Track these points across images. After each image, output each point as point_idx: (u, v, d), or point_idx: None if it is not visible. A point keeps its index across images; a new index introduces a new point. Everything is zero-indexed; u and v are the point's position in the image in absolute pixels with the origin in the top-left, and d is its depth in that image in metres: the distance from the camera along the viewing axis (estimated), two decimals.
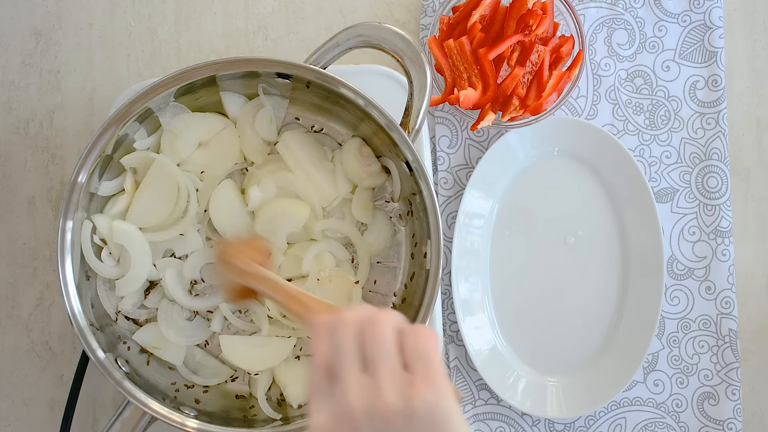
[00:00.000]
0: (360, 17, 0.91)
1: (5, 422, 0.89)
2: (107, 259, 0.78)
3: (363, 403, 0.50)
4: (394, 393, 0.50)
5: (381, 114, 0.73)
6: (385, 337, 0.52)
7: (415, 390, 0.50)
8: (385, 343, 0.52)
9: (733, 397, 0.87)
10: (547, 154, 0.89)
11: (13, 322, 0.89)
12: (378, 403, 0.50)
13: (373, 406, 0.50)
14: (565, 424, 0.88)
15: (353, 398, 0.50)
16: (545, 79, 0.83)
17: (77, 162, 0.72)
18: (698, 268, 0.89)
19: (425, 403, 0.49)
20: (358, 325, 0.53)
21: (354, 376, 0.51)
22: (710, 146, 0.89)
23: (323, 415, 0.51)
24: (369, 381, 0.51)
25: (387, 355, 0.51)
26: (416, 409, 0.49)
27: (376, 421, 0.50)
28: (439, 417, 0.50)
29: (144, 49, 0.91)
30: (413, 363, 0.51)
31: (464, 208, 0.87)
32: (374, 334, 0.52)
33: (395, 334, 0.52)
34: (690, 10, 0.89)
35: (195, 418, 0.75)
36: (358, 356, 0.52)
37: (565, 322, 0.88)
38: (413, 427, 0.49)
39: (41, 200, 0.90)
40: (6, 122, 0.90)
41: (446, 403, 0.50)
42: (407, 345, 0.52)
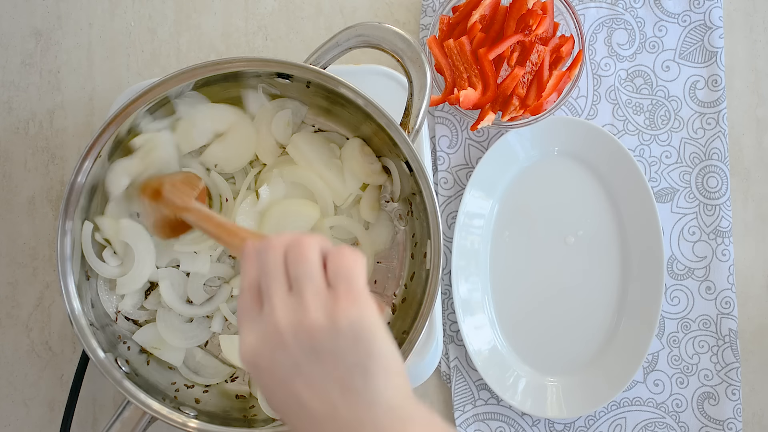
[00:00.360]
0: (360, 17, 0.91)
1: (5, 422, 0.89)
2: (110, 258, 0.78)
3: (289, 321, 0.52)
4: (319, 310, 0.52)
5: (381, 114, 0.73)
6: (310, 258, 0.54)
7: (338, 307, 0.52)
8: (309, 264, 0.53)
9: (733, 397, 0.87)
10: (547, 154, 0.89)
11: (13, 322, 0.89)
12: (303, 320, 0.52)
13: (299, 323, 0.52)
14: (565, 424, 0.88)
15: (279, 316, 0.52)
16: (545, 79, 0.83)
17: (77, 162, 0.72)
18: (698, 268, 0.89)
19: (348, 319, 0.51)
20: (284, 248, 0.55)
21: (280, 296, 0.53)
22: (710, 146, 0.89)
23: (252, 336, 0.53)
24: (294, 300, 0.53)
25: (311, 275, 0.53)
26: (340, 325, 0.51)
27: (302, 338, 0.52)
28: (362, 332, 0.51)
29: (144, 49, 0.91)
30: (336, 282, 0.53)
31: (464, 208, 0.87)
32: (299, 256, 0.54)
33: (320, 256, 0.54)
34: (690, 10, 0.89)
35: (195, 418, 0.75)
36: (284, 277, 0.54)
37: (565, 322, 0.88)
38: (338, 342, 0.51)
39: (41, 200, 0.90)
40: (6, 122, 0.90)
41: (369, 319, 0.52)
42: (331, 265, 0.54)
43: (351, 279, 0.53)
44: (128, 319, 0.80)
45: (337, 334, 0.51)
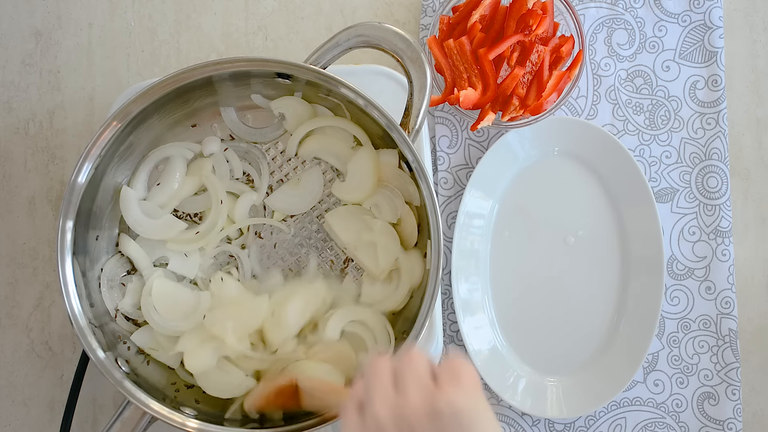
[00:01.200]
0: (360, 17, 0.91)
1: (5, 422, 0.89)
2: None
3: (388, 411, 0.52)
4: (419, 397, 0.52)
5: (381, 114, 0.73)
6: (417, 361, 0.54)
7: (439, 392, 0.51)
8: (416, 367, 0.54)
9: (733, 397, 0.87)
10: (547, 154, 0.89)
11: (13, 322, 0.89)
12: (403, 407, 0.52)
13: (399, 412, 0.52)
14: (565, 424, 0.88)
15: (378, 409, 0.52)
16: (545, 79, 0.83)
17: (77, 162, 0.72)
18: (698, 268, 0.89)
19: (448, 401, 0.51)
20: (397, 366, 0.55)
21: (381, 392, 0.53)
22: (710, 146, 0.89)
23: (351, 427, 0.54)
24: (397, 395, 0.53)
25: (416, 371, 0.53)
26: (439, 408, 0.51)
27: (401, 425, 0.51)
28: (462, 412, 0.51)
29: (144, 49, 0.91)
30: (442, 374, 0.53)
31: (464, 208, 0.87)
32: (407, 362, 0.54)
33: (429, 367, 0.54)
34: (690, 10, 0.89)
35: (195, 418, 0.75)
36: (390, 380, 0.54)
37: (565, 322, 0.88)
38: (438, 424, 0.51)
39: (41, 200, 0.90)
40: (6, 122, 0.90)
41: (473, 402, 0.51)
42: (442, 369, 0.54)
43: (458, 372, 0.53)
44: (128, 318, 0.80)
45: (437, 416, 0.50)
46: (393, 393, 0.53)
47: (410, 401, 0.51)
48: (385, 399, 0.53)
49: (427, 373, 0.53)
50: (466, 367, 0.54)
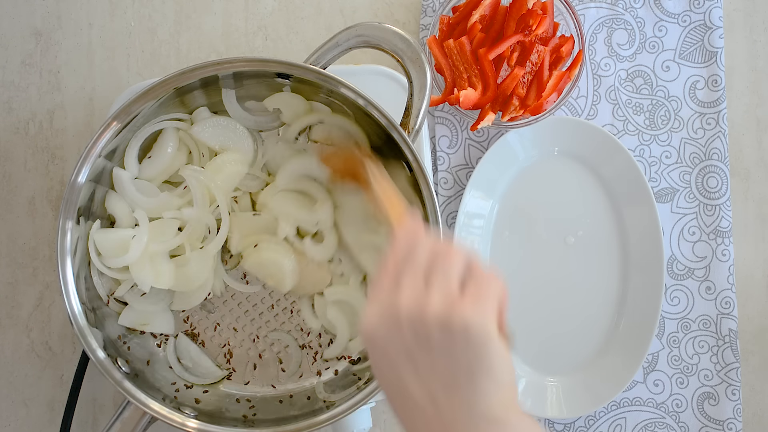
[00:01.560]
0: (360, 17, 0.91)
1: (5, 422, 0.89)
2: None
3: (409, 304, 0.52)
4: (439, 302, 0.52)
5: (381, 114, 0.73)
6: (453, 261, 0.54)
7: (458, 303, 0.52)
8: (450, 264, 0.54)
9: (733, 397, 0.87)
10: (547, 154, 0.89)
11: (13, 322, 0.89)
12: (423, 307, 0.52)
13: (417, 310, 0.52)
14: (565, 424, 0.88)
15: (402, 297, 0.53)
16: (545, 79, 0.83)
17: (77, 162, 0.72)
18: (698, 268, 0.89)
19: (463, 318, 0.51)
20: (433, 248, 0.55)
21: (411, 280, 0.54)
22: (710, 146, 0.89)
23: (374, 309, 0.54)
24: (424, 289, 0.53)
25: (447, 272, 0.54)
26: (454, 321, 0.51)
27: (416, 326, 0.52)
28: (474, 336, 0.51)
29: (144, 49, 0.91)
30: (467, 284, 0.53)
31: (464, 208, 0.87)
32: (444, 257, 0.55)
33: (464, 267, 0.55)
34: (690, 10, 0.89)
35: (195, 418, 0.75)
36: (424, 270, 0.54)
37: (565, 322, 0.88)
38: (449, 340, 0.51)
39: (41, 200, 0.90)
40: (6, 122, 0.90)
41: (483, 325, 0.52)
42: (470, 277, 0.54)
43: (481, 289, 0.53)
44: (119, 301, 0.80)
45: (450, 330, 0.51)
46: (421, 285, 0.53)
47: (432, 304, 0.52)
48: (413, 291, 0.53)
49: (457, 277, 0.54)
50: (495, 284, 0.54)
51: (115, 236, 0.77)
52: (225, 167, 0.79)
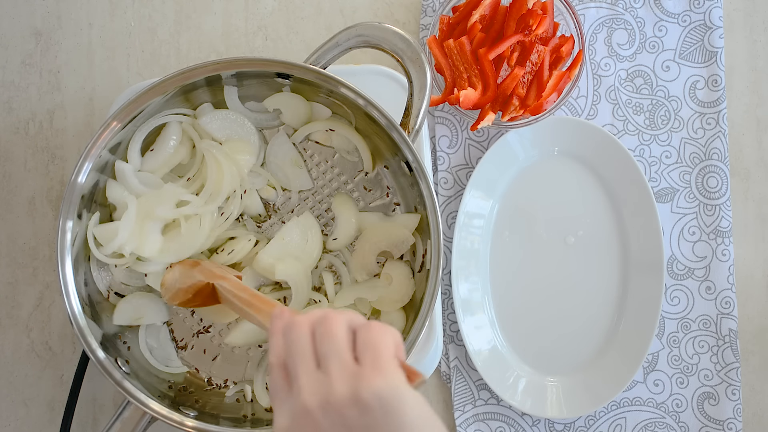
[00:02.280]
0: (360, 17, 0.91)
1: (5, 422, 0.89)
2: None
3: (317, 399, 0.51)
4: (345, 386, 0.51)
5: (381, 114, 0.73)
6: (336, 334, 0.53)
7: (362, 380, 0.51)
8: (336, 339, 0.53)
9: (733, 397, 0.87)
10: (547, 154, 0.89)
11: (13, 322, 0.89)
12: (330, 397, 0.51)
13: (326, 401, 0.51)
14: (565, 424, 0.88)
15: (307, 395, 0.52)
16: (545, 79, 0.83)
17: (77, 162, 0.72)
18: (698, 268, 0.89)
19: (372, 391, 0.50)
20: (311, 324, 0.55)
21: (307, 374, 0.53)
22: (710, 146, 0.89)
23: (284, 417, 0.53)
24: (322, 377, 0.52)
25: (337, 350, 0.53)
26: (365, 398, 0.50)
27: (332, 416, 0.51)
28: (390, 401, 0.50)
29: (144, 49, 0.91)
30: (362, 355, 0.52)
31: (464, 208, 0.87)
32: (326, 332, 0.53)
33: (348, 332, 0.54)
34: (690, 10, 0.89)
35: (195, 418, 0.75)
36: (311, 355, 0.54)
37: (565, 322, 0.88)
38: (367, 416, 0.50)
39: (41, 200, 0.90)
40: (6, 122, 0.90)
41: (394, 386, 0.51)
42: (359, 339, 0.53)
43: (377, 350, 0.52)
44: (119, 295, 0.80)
45: (365, 407, 0.50)
46: (317, 374, 0.52)
47: (335, 387, 0.51)
48: (312, 383, 0.52)
49: (347, 347, 0.53)
50: (385, 334, 0.53)
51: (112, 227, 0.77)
52: (235, 155, 0.79)
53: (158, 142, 0.79)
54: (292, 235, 0.80)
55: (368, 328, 0.54)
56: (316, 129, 0.81)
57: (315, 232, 0.81)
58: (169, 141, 0.79)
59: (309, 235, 0.80)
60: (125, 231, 0.75)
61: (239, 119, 0.80)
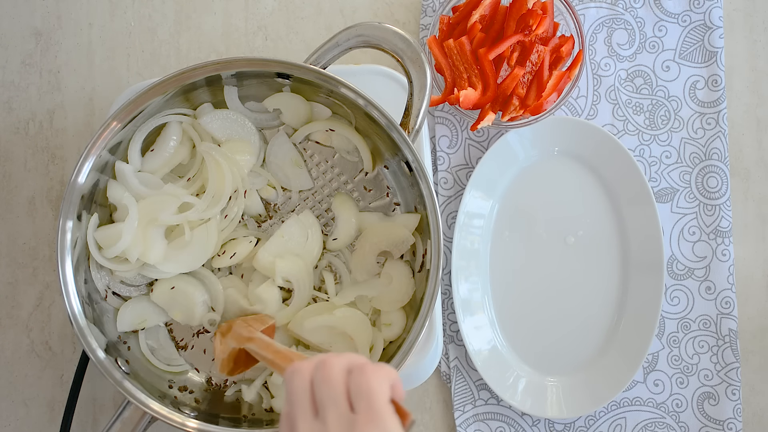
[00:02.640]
0: (360, 17, 0.91)
1: (5, 422, 0.89)
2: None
3: None
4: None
5: (381, 114, 0.73)
6: (333, 380, 0.55)
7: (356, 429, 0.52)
8: (332, 386, 0.54)
9: (733, 397, 0.87)
10: (547, 154, 0.89)
11: (13, 322, 0.89)
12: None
13: None
14: (565, 424, 0.88)
15: None
16: (545, 79, 0.83)
17: (77, 162, 0.72)
18: (698, 268, 0.89)
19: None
20: (311, 372, 0.56)
21: (305, 423, 0.54)
22: (710, 146, 0.89)
23: None
24: (319, 426, 0.54)
25: (334, 399, 0.54)
26: None
27: None
28: None
29: (144, 49, 0.91)
30: (357, 403, 0.54)
31: (464, 208, 0.87)
32: (323, 379, 0.55)
33: (344, 376, 0.55)
34: (690, 10, 0.89)
35: (195, 418, 0.75)
36: (310, 403, 0.55)
37: (566, 322, 0.88)
38: None
39: (41, 200, 0.90)
40: (6, 122, 0.90)
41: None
42: (353, 385, 0.54)
43: (371, 398, 0.53)
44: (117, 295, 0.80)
45: None
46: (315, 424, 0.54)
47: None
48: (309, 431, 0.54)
49: (344, 394, 0.54)
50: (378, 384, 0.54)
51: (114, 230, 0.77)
52: (235, 155, 0.79)
53: (158, 142, 0.79)
54: (292, 232, 0.80)
55: (362, 371, 0.55)
56: (316, 129, 0.81)
57: (315, 230, 0.81)
58: (169, 141, 0.79)
59: (309, 233, 0.81)
60: (128, 234, 0.75)
61: (240, 119, 0.80)
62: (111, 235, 0.76)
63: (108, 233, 0.76)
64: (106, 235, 0.76)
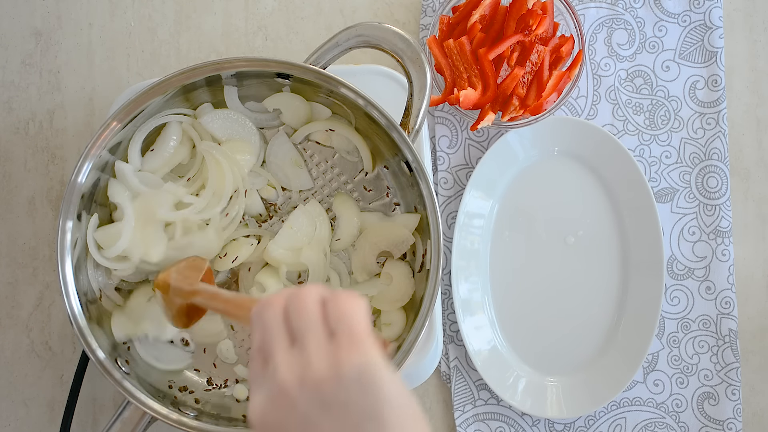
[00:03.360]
0: (360, 17, 0.91)
1: (5, 422, 0.89)
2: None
3: (293, 377, 0.51)
4: (322, 362, 0.51)
5: (381, 114, 0.73)
6: (309, 309, 0.53)
7: (340, 355, 0.51)
8: (308, 314, 0.53)
9: (733, 397, 0.87)
10: (547, 154, 0.89)
11: (13, 322, 0.89)
12: (307, 374, 0.51)
13: (303, 379, 0.51)
14: (565, 424, 0.88)
15: (283, 374, 0.52)
16: (545, 79, 0.83)
17: (77, 162, 0.72)
18: (698, 268, 0.89)
19: (352, 366, 0.50)
20: (283, 303, 0.54)
21: (282, 353, 0.52)
22: (710, 146, 0.89)
23: (259, 397, 0.53)
24: (297, 355, 0.52)
25: (311, 327, 0.53)
26: (344, 374, 0.50)
27: (309, 392, 0.51)
28: (367, 376, 0.50)
29: (144, 49, 0.91)
30: (336, 329, 0.52)
31: (464, 208, 0.87)
32: (298, 309, 0.53)
33: (319, 305, 0.54)
34: (690, 10, 0.89)
35: (195, 418, 0.75)
36: (285, 333, 0.53)
37: (565, 322, 0.88)
38: (346, 391, 0.50)
39: (41, 200, 0.90)
40: (6, 122, 0.90)
41: (373, 362, 0.51)
42: (331, 312, 0.53)
43: (352, 324, 0.52)
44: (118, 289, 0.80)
45: (344, 383, 0.50)
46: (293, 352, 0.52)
47: (314, 366, 0.51)
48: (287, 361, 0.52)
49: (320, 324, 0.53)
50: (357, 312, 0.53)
51: (113, 229, 0.77)
52: (235, 155, 0.79)
53: (158, 142, 0.79)
54: (301, 223, 0.80)
55: (337, 300, 0.53)
56: (316, 129, 0.81)
57: (323, 219, 0.81)
58: (169, 141, 0.79)
59: (317, 222, 0.81)
60: (127, 233, 0.75)
61: (240, 119, 0.80)
62: (111, 235, 0.76)
63: (108, 233, 0.76)
64: (105, 235, 0.76)
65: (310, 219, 0.80)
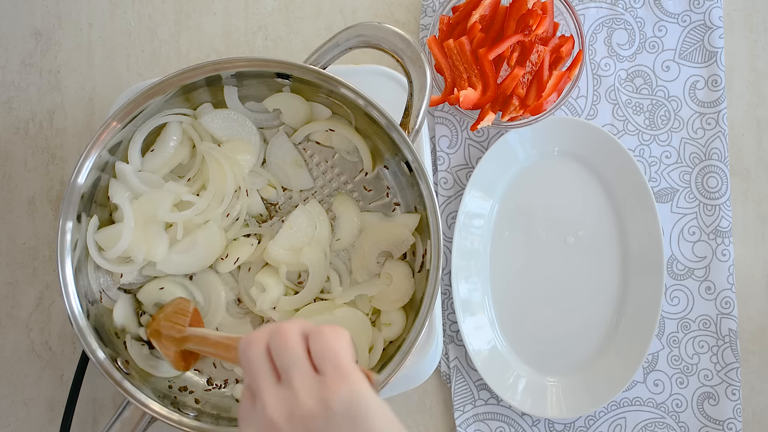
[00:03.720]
0: (360, 17, 0.91)
1: (5, 422, 0.89)
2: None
3: (282, 413, 0.52)
4: (309, 397, 0.52)
5: (381, 114, 0.73)
6: (292, 345, 0.54)
7: (327, 390, 0.52)
8: (291, 351, 0.54)
9: (733, 397, 0.87)
10: (547, 154, 0.89)
11: (13, 322, 0.89)
12: (296, 410, 0.52)
13: (292, 415, 0.52)
14: (565, 424, 0.88)
15: (271, 411, 0.52)
16: (545, 79, 0.83)
17: (77, 162, 0.72)
18: (698, 268, 0.89)
19: (340, 400, 0.51)
20: (266, 340, 0.55)
21: (269, 390, 0.53)
22: (710, 146, 0.89)
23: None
24: (285, 391, 0.53)
25: (296, 362, 0.53)
26: (333, 408, 0.51)
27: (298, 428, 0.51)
28: (356, 409, 0.51)
29: (144, 49, 0.91)
30: (321, 364, 0.53)
31: (464, 208, 0.87)
32: (280, 346, 0.54)
33: (302, 340, 0.54)
34: (690, 10, 0.89)
35: (195, 418, 0.75)
36: (271, 369, 0.54)
37: (565, 322, 0.88)
38: (335, 425, 0.51)
39: (41, 200, 0.90)
40: (6, 122, 0.90)
41: (362, 396, 0.52)
42: (314, 347, 0.54)
43: (336, 358, 0.53)
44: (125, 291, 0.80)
45: (333, 417, 0.51)
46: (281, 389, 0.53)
47: (302, 402, 0.52)
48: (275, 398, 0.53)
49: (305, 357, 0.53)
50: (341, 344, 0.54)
51: (114, 230, 0.77)
52: (236, 155, 0.79)
53: (158, 142, 0.79)
54: (301, 223, 0.80)
55: (320, 333, 0.54)
56: (316, 129, 0.81)
57: (323, 218, 0.81)
58: (170, 141, 0.79)
59: (317, 222, 0.81)
60: (128, 234, 0.75)
61: (240, 119, 0.80)
62: (111, 236, 0.76)
63: (108, 234, 0.76)
64: (106, 236, 0.76)
65: (310, 219, 0.80)
